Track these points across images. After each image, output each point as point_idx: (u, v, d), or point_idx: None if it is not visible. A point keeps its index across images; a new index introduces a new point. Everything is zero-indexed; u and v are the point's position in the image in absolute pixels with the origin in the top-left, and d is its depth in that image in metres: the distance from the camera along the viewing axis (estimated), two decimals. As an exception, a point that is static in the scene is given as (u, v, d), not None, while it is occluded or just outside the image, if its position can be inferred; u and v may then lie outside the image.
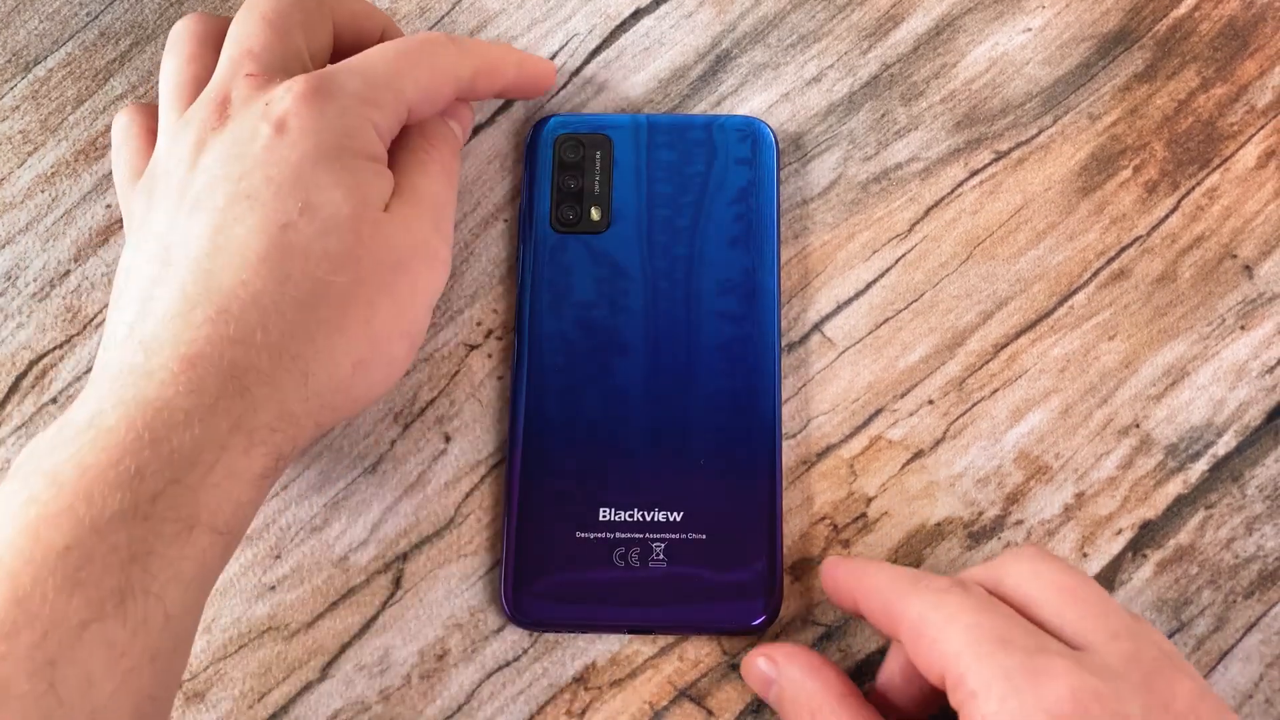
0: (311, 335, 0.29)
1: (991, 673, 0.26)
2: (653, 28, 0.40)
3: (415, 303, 0.32)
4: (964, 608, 0.27)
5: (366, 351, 0.30)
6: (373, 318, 0.30)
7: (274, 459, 0.29)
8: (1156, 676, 0.26)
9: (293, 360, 0.29)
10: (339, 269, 0.30)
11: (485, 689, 0.34)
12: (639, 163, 0.38)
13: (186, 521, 0.26)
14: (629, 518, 0.34)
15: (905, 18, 0.40)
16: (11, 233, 0.39)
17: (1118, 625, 0.27)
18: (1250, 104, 0.39)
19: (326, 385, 0.29)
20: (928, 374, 0.37)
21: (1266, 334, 0.37)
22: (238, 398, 0.28)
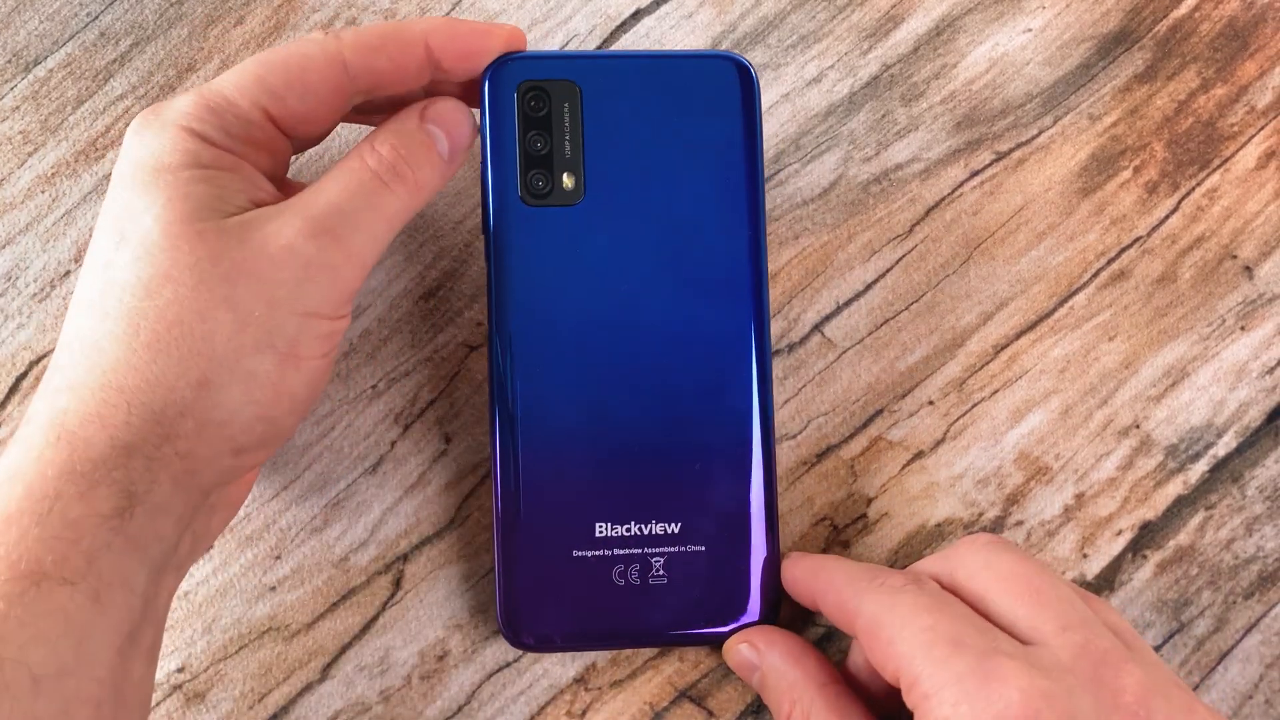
0: (134, 365, 0.28)
1: (944, 677, 0.26)
2: (653, 28, 0.40)
3: (273, 313, 0.29)
4: (917, 608, 0.28)
5: (207, 370, 0.28)
6: (211, 334, 0.28)
7: (124, 497, 0.27)
8: (1106, 668, 0.26)
9: (117, 393, 0.28)
10: (154, 292, 0.28)
11: (485, 690, 0.34)
12: (611, 116, 0.33)
13: (31, 577, 0.25)
14: (626, 532, 0.32)
15: (905, 18, 0.40)
16: (11, 233, 0.39)
17: (1069, 616, 0.27)
18: (1250, 104, 0.39)
19: (163, 412, 0.28)
20: (928, 375, 0.37)
21: (1266, 334, 0.37)
22: (62, 443, 0.27)
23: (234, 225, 0.29)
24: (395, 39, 0.31)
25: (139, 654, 0.27)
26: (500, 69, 0.33)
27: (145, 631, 0.28)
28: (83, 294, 0.29)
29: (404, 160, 0.31)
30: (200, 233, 0.29)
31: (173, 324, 0.28)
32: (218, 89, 0.31)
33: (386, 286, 0.38)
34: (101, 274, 0.29)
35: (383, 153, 0.31)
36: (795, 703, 0.30)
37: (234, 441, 0.29)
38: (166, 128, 0.30)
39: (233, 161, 0.30)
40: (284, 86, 0.31)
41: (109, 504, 0.27)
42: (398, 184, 0.31)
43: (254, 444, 0.30)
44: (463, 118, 0.32)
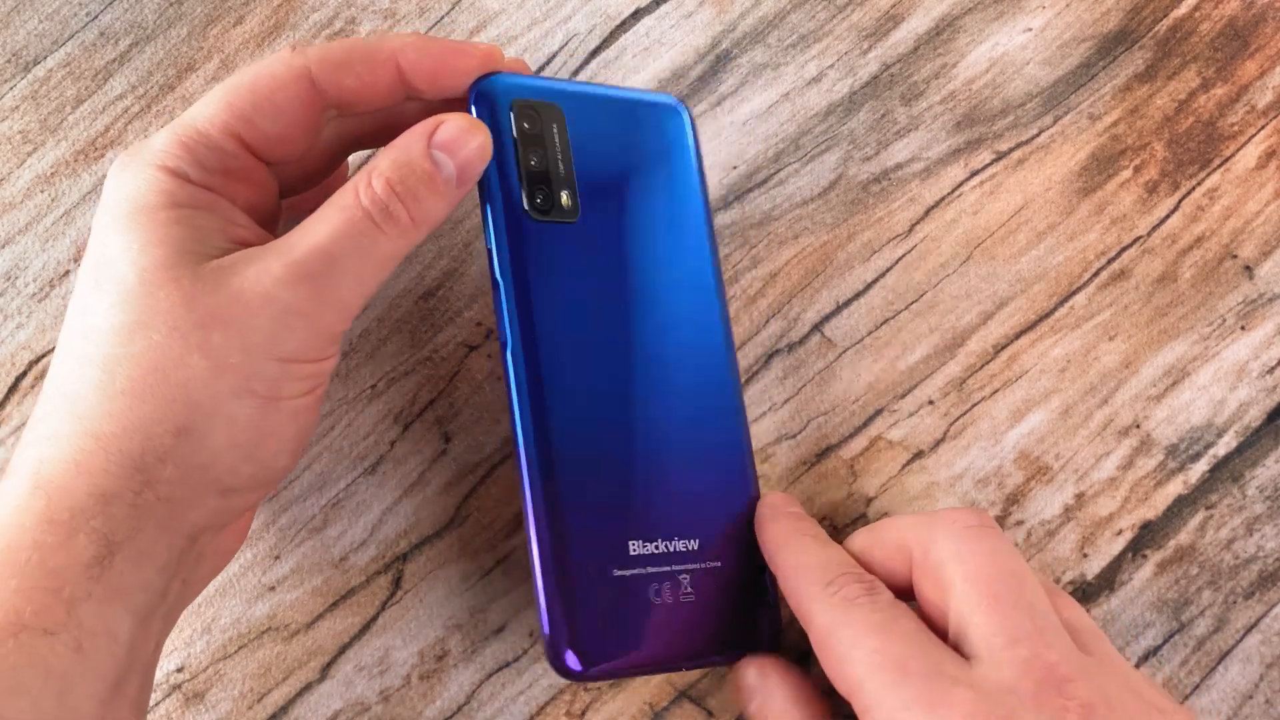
0: (110, 412, 0.27)
1: (892, 704, 0.26)
2: (653, 27, 0.40)
3: (250, 359, 0.28)
4: (868, 627, 0.28)
5: (185, 416, 0.27)
6: (187, 380, 0.28)
7: (104, 545, 0.26)
8: (1047, 688, 0.26)
9: (94, 440, 0.27)
10: (129, 339, 0.28)
11: (485, 689, 0.34)
12: (588, 142, 0.33)
13: (9, 629, 0.25)
14: (655, 549, 0.31)
15: (905, 18, 0.40)
16: (11, 233, 0.39)
17: (1022, 627, 0.27)
18: (1250, 104, 0.39)
19: (142, 459, 0.27)
20: (928, 374, 0.37)
21: (1267, 334, 0.37)
22: (39, 492, 0.27)
23: (210, 271, 0.28)
24: (363, 56, 0.31)
25: (125, 703, 0.27)
26: (490, 86, 0.32)
27: (131, 680, 0.27)
28: (64, 341, 0.29)
29: (399, 197, 0.29)
30: (176, 278, 0.28)
31: (149, 371, 0.28)
32: (189, 122, 0.30)
33: (386, 286, 0.38)
34: (80, 320, 0.29)
35: (377, 189, 0.29)
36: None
37: (220, 484, 0.29)
38: (143, 168, 0.29)
39: (210, 199, 0.30)
40: (252, 109, 0.30)
41: (89, 552, 0.26)
42: (390, 225, 0.29)
43: (243, 485, 0.29)
44: (475, 139, 0.30)
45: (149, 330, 0.28)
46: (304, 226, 0.29)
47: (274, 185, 0.32)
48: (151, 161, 0.29)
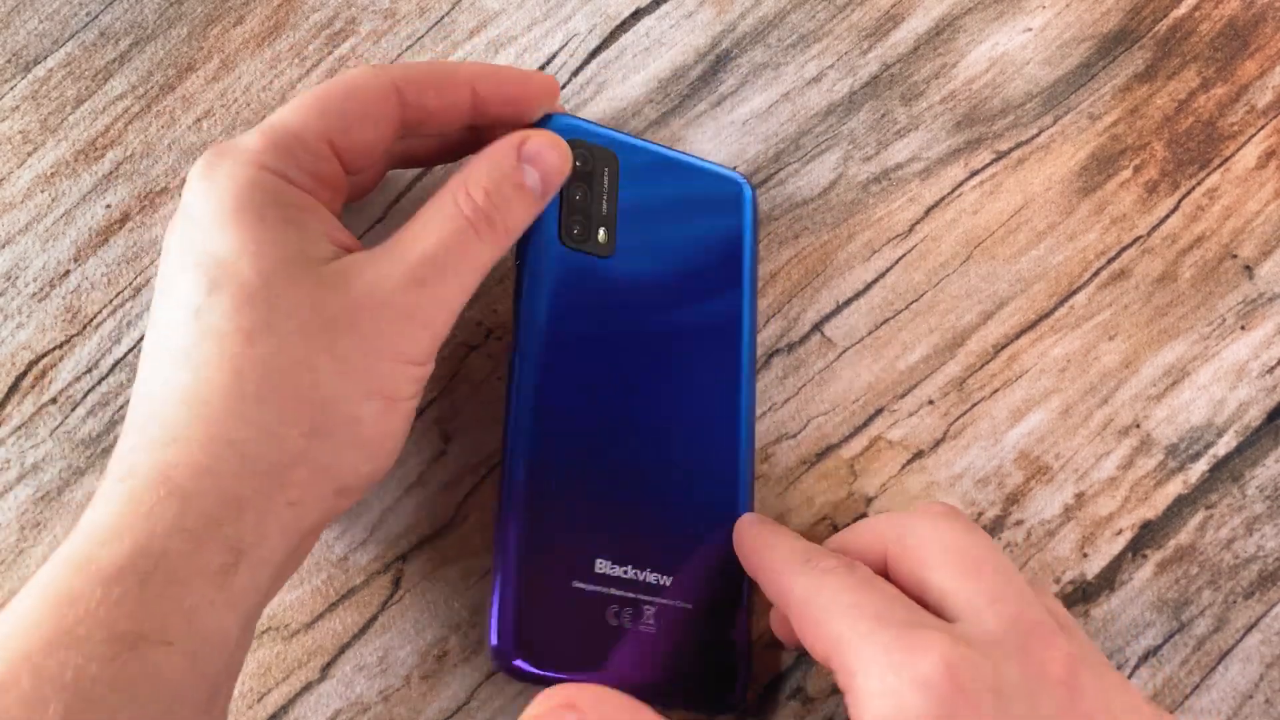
0: (244, 416, 0.27)
1: (870, 651, 0.26)
2: (653, 27, 0.40)
3: (372, 361, 0.29)
4: (844, 587, 0.28)
5: (316, 418, 0.28)
6: (316, 382, 0.28)
7: (231, 554, 0.26)
8: (1034, 640, 0.26)
9: (228, 446, 0.27)
10: (255, 340, 0.27)
11: (485, 689, 0.34)
12: (640, 191, 0.35)
13: (127, 639, 0.24)
14: (623, 574, 0.32)
15: (905, 18, 0.40)
16: (11, 233, 0.39)
17: (1003, 589, 0.28)
18: (1250, 104, 0.39)
19: (277, 461, 0.27)
20: (928, 374, 0.37)
21: (1267, 334, 0.37)
22: (172, 498, 0.26)
23: (332, 273, 0.29)
24: (446, 77, 0.32)
25: (219, 706, 0.27)
26: (552, 122, 0.34)
27: (225, 687, 0.27)
28: (169, 341, 0.28)
29: (498, 208, 0.30)
30: (298, 280, 0.28)
31: (279, 373, 0.27)
32: (282, 125, 0.30)
33: (386, 286, 0.38)
34: (193, 322, 0.28)
35: (477, 199, 0.30)
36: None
37: (339, 483, 0.29)
38: (244, 167, 0.29)
39: (309, 201, 0.30)
40: (347, 115, 0.31)
41: (217, 561, 0.26)
42: (489, 232, 0.30)
43: (358, 484, 0.30)
44: (561, 156, 0.32)
45: (276, 333, 0.28)
46: (411, 234, 0.30)
47: (345, 196, 0.33)
48: (251, 161, 0.29)
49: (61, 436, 0.36)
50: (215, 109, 0.40)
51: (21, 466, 0.36)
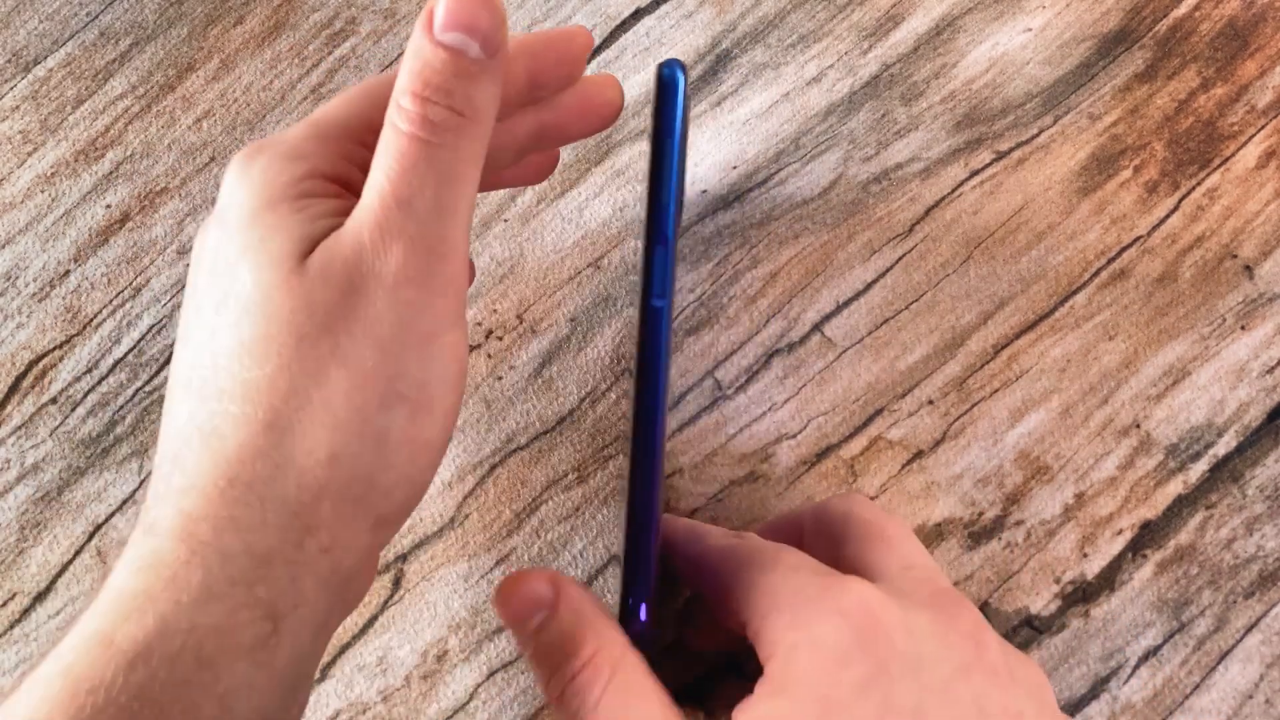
0: (259, 449, 0.24)
1: (789, 592, 0.26)
2: (653, 27, 0.40)
3: (386, 355, 0.24)
4: (759, 551, 0.28)
5: (335, 440, 0.24)
6: (327, 400, 0.24)
7: (267, 621, 0.23)
8: (944, 598, 0.27)
9: (246, 488, 0.24)
10: (262, 359, 0.24)
11: (485, 689, 0.34)
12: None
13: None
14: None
15: (905, 18, 0.40)
16: (11, 233, 0.39)
17: (913, 558, 0.29)
18: (1250, 104, 0.39)
19: (298, 500, 0.24)
20: (928, 374, 0.37)
21: (1267, 334, 0.37)
22: (196, 561, 0.23)
23: (314, 266, 0.24)
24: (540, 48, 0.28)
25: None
26: (672, 64, 0.31)
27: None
28: (188, 371, 0.25)
29: (432, 101, 0.24)
30: (287, 279, 0.24)
31: (288, 394, 0.24)
32: (327, 115, 0.27)
33: (386, 286, 0.38)
34: (208, 344, 0.25)
35: (406, 105, 0.25)
36: (599, 653, 0.27)
37: (373, 515, 0.25)
38: (278, 160, 0.26)
39: (337, 190, 0.26)
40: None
41: (250, 632, 0.23)
42: (442, 133, 0.25)
43: (394, 512, 0.26)
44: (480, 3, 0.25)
45: (277, 345, 0.24)
46: (367, 185, 0.25)
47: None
48: (281, 152, 0.26)
49: (61, 436, 0.36)
50: (215, 109, 0.40)
51: (21, 466, 0.36)
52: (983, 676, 0.26)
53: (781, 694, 0.25)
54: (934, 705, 0.25)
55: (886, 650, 0.25)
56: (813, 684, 0.25)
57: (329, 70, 0.40)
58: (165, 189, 0.39)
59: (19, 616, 0.34)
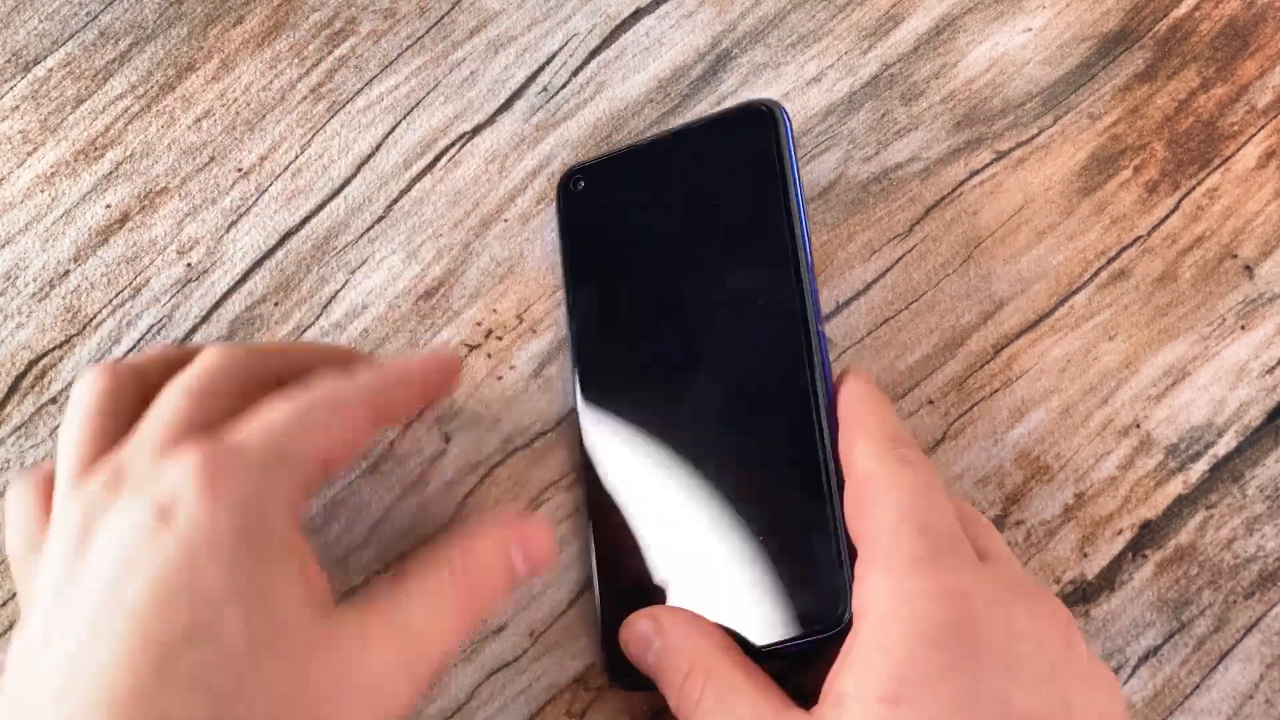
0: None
1: (905, 556, 0.28)
2: (653, 27, 0.40)
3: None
4: (913, 488, 0.29)
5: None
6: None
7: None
8: (1040, 593, 0.29)
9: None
10: (225, 708, 0.23)
11: (485, 689, 0.34)
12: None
13: None
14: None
15: (905, 17, 0.40)
16: (11, 233, 0.39)
17: (1011, 556, 0.31)
18: (1251, 104, 0.39)
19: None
20: (928, 374, 0.37)
21: (1267, 334, 0.37)
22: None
23: (320, 639, 0.25)
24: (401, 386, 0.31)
25: None
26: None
27: None
28: (114, 672, 0.23)
29: (489, 592, 0.29)
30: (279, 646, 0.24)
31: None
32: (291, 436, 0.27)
33: (386, 286, 0.38)
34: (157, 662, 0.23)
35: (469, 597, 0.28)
36: (696, 664, 0.30)
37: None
38: (252, 489, 0.26)
39: (301, 541, 0.27)
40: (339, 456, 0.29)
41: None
42: (474, 616, 0.28)
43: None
44: (543, 542, 0.30)
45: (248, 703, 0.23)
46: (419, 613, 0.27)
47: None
48: (274, 484, 0.26)
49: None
50: (215, 109, 0.40)
51: (21, 466, 0.36)
52: (1071, 676, 0.27)
53: (863, 667, 0.27)
54: (1022, 699, 0.26)
55: (981, 641, 0.26)
56: (896, 661, 0.26)
57: (329, 70, 0.40)
58: (165, 189, 0.39)
59: (19, 616, 0.34)
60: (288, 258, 0.38)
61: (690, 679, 0.29)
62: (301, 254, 0.38)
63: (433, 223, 0.38)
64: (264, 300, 0.38)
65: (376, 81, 0.40)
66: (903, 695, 0.26)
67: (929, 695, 0.26)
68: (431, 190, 0.39)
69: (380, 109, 0.40)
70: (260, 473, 0.26)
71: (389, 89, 0.40)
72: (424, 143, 0.39)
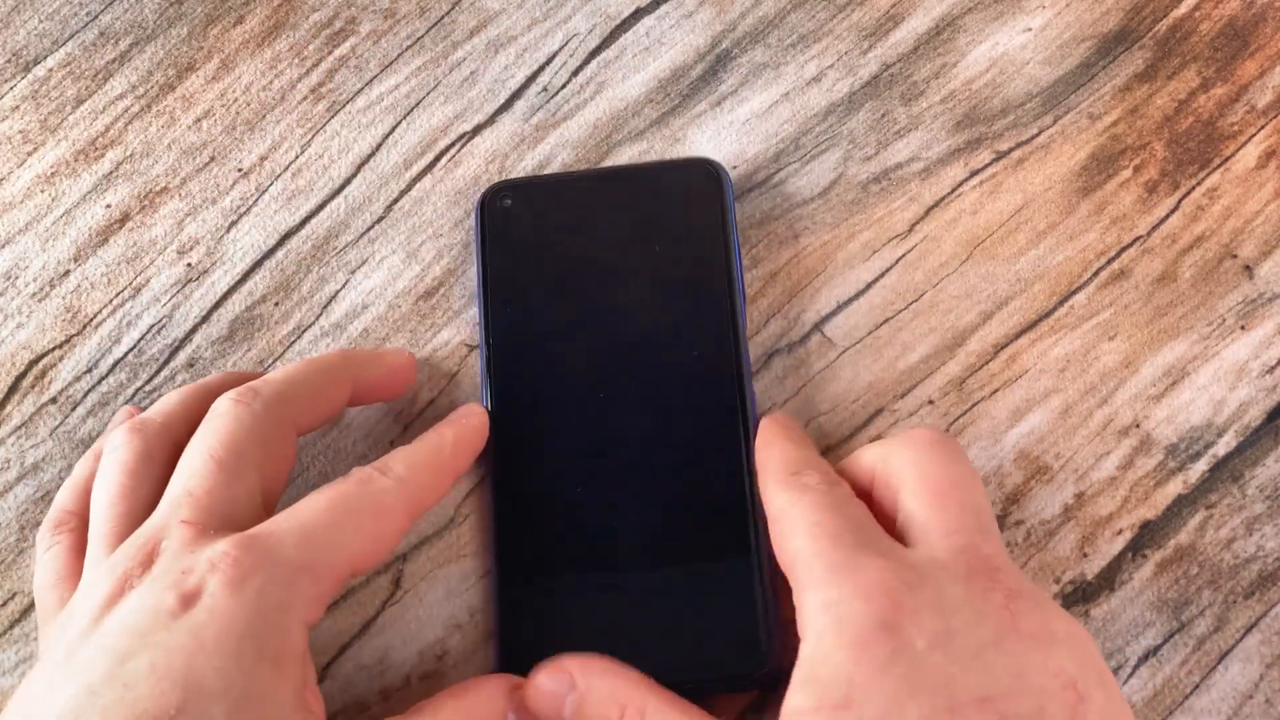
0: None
1: (821, 570, 0.28)
2: (653, 27, 0.40)
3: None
4: (815, 506, 0.29)
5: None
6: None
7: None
8: (980, 570, 0.28)
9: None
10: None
11: (485, 689, 0.34)
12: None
13: None
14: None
15: (905, 17, 0.40)
16: (11, 233, 0.39)
17: (961, 522, 0.29)
18: (1250, 104, 0.39)
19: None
20: (928, 374, 0.37)
21: (1266, 334, 0.37)
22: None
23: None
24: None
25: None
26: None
27: None
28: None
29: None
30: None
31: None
32: (324, 541, 0.28)
33: (386, 286, 0.38)
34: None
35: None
36: (627, 705, 0.29)
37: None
38: (271, 593, 0.27)
39: (306, 657, 0.28)
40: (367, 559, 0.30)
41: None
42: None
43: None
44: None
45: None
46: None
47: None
48: (296, 590, 0.27)
49: (61, 436, 0.36)
50: (215, 109, 0.40)
51: (21, 466, 0.36)
52: (1019, 643, 0.26)
53: (810, 683, 0.26)
54: (965, 677, 0.25)
55: (911, 628, 0.26)
56: (836, 667, 0.26)
57: (329, 70, 0.40)
58: (165, 189, 0.39)
59: (19, 616, 0.34)
60: (288, 258, 0.38)
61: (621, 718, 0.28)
62: (302, 254, 0.38)
63: (433, 223, 0.38)
64: (264, 300, 0.38)
65: (377, 81, 0.40)
66: (852, 699, 0.25)
67: (874, 693, 0.25)
68: (431, 190, 0.39)
69: (380, 109, 0.40)
70: (286, 579, 0.27)
71: (389, 89, 0.40)
72: (424, 143, 0.39)
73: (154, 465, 0.31)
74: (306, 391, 0.33)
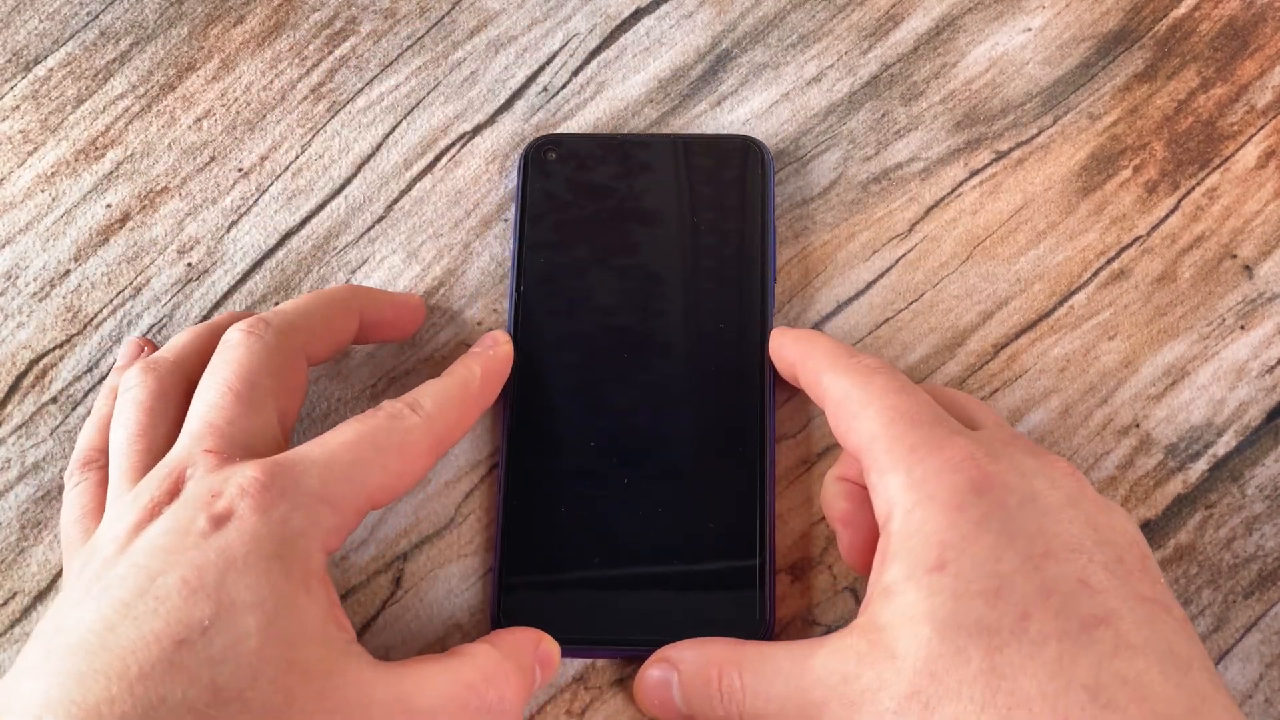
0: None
1: (901, 450, 0.29)
2: (653, 27, 0.40)
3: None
4: (886, 389, 0.30)
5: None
6: None
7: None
8: (1038, 448, 0.31)
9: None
10: (220, 705, 0.24)
11: (485, 689, 0.34)
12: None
13: None
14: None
15: (905, 18, 0.40)
16: (11, 233, 0.39)
17: (1004, 422, 0.33)
18: (1250, 104, 0.39)
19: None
20: (928, 374, 0.37)
21: (1266, 334, 0.37)
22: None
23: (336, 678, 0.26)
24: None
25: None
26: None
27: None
28: (136, 648, 0.24)
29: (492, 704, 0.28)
30: (289, 663, 0.25)
31: None
32: (347, 473, 0.29)
33: (387, 286, 0.38)
34: (173, 650, 0.24)
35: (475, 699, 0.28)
36: (723, 663, 0.30)
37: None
38: (296, 516, 0.27)
39: (325, 575, 0.28)
40: (389, 492, 0.30)
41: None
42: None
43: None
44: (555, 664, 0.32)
45: (242, 707, 0.24)
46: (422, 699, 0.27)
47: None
48: (317, 516, 0.28)
49: (62, 436, 0.36)
50: (215, 109, 0.40)
51: (22, 466, 0.36)
52: (1092, 504, 0.29)
53: (901, 555, 0.28)
54: (1054, 526, 0.27)
55: (1001, 491, 0.28)
56: (928, 536, 0.27)
57: (329, 70, 0.40)
58: (165, 189, 0.39)
59: (19, 616, 0.34)
60: (288, 257, 0.38)
61: (724, 678, 0.29)
62: (302, 254, 0.38)
63: (433, 223, 0.38)
64: (264, 300, 0.38)
65: (377, 81, 0.40)
66: (947, 560, 0.27)
67: (971, 549, 0.27)
68: (431, 190, 0.39)
69: (381, 109, 0.40)
70: (309, 505, 0.28)
71: (389, 89, 0.40)
72: (424, 143, 0.39)
73: (169, 402, 0.31)
74: (317, 321, 0.33)
